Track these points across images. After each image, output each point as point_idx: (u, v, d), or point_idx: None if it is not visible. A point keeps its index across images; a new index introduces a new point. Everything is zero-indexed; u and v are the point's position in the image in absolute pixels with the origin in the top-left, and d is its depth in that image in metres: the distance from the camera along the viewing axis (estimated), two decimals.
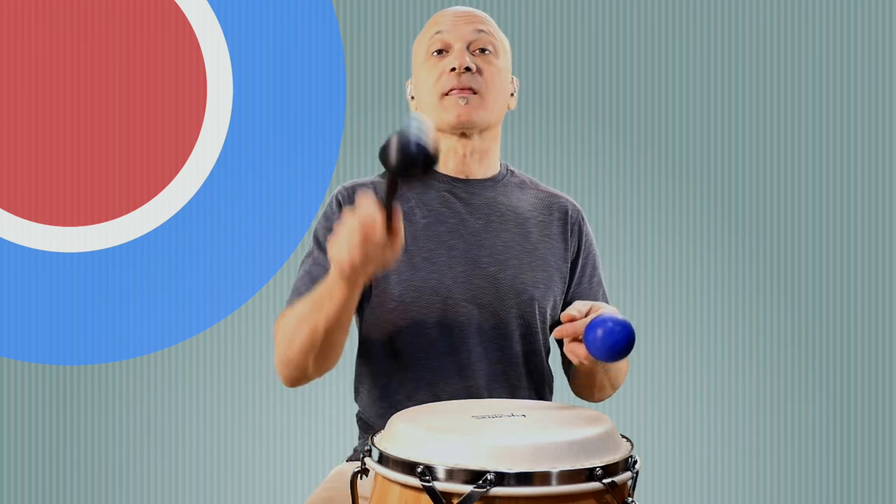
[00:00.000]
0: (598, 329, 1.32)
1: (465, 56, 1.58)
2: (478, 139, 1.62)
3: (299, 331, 1.42)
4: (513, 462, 1.15)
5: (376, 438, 1.28)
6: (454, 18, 1.61)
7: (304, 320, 1.41)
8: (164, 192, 2.54)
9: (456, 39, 1.59)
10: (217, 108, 2.54)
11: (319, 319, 1.38)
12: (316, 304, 1.39)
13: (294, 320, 1.44)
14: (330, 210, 1.61)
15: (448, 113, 1.58)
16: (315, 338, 1.41)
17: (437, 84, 1.59)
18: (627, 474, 1.21)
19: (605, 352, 1.33)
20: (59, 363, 2.56)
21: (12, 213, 2.51)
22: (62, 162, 2.52)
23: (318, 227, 1.61)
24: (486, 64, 1.59)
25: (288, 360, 1.46)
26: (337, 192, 1.63)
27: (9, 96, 2.51)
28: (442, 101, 1.58)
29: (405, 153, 1.19)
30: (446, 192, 1.63)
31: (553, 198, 1.69)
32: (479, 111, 1.58)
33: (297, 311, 1.44)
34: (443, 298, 1.55)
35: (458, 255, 1.58)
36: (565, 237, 1.66)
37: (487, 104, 1.58)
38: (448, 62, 1.58)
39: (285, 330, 1.46)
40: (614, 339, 1.32)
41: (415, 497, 1.18)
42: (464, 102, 1.56)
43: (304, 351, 1.43)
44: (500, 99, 1.61)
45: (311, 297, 1.41)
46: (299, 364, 1.45)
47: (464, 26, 1.60)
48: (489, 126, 1.61)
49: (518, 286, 1.58)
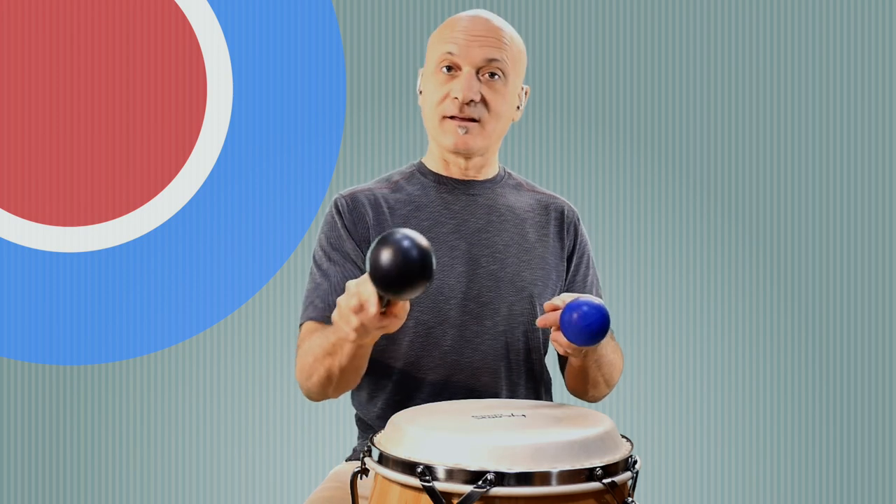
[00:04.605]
0: (574, 312, 1.34)
1: (471, 87, 1.54)
2: (479, 157, 1.63)
3: (316, 369, 1.45)
4: (513, 462, 1.15)
5: (376, 438, 1.28)
6: (468, 38, 1.55)
7: (320, 361, 1.44)
8: (164, 192, 2.54)
9: (465, 62, 1.55)
10: (217, 108, 2.54)
11: (334, 364, 1.42)
12: (329, 350, 1.41)
13: (311, 358, 1.46)
14: (330, 219, 1.62)
15: (446, 137, 1.58)
16: (331, 377, 1.44)
17: (441, 105, 1.57)
18: (627, 474, 1.22)
19: (579, 333, 1.34)
20: (59, 363, 2.56)
21: (12, 213, 2.51)
22: (62, 162, 2.52)
23: (321, 238, 1.62)
24: (492, 92, 1.56)
25: (308, 389, 1.51)
26: (335, 201, 1.63)
27: (9, 96, 2.51)
28: (442, 124, 1.58)
29: (402, 276, 1.12)
30: (447, 193, 1.64)
31: (550, 199, 1.71)
32: (477, 139, 1.57)
33: (314, 350, 1.46)
34: (445, 298, 1.56)
35: (459, 255, 1.59)
36: (561, 236, 1.68)
37: (487, 132, 1.58)
38: (453, 88, 1.55)
39: (303, 363, 1.49)
40: (588, 320, 1.33)
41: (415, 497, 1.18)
42: (463, 132, 1.56)
43: (323, 385, 1.47)
44: (501, 124, 1.60)
45: (325, 339, 1.43)
46: (319, 393, 1.50)
47: (476, 49, 1.55)
48: (485, 150, 1.62)
49: (518, 283, 1.60)
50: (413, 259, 1.12)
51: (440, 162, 1.64)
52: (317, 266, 1.60)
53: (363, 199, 1.61)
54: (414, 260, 1.12)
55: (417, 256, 1.12)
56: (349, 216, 1.59)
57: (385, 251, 1.12)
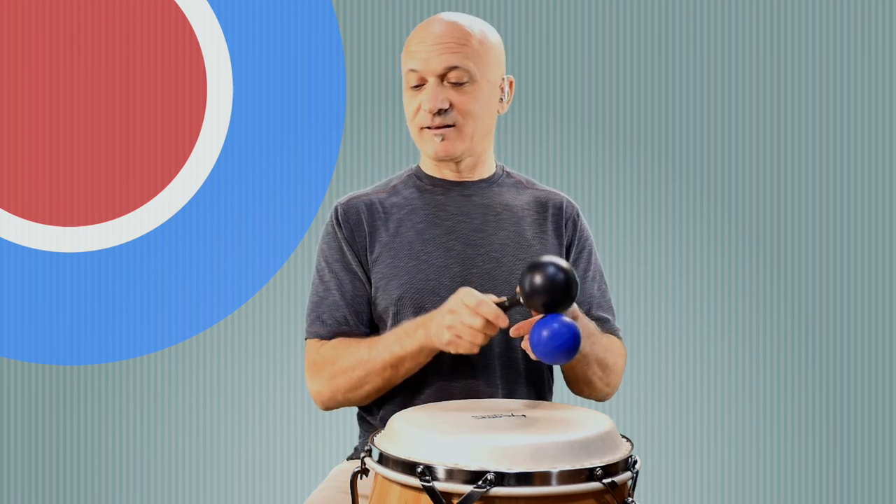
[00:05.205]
0: (543, 330, 1.32)
1: (436, 97, 1.55)
2: (468, 158, 1.63)
3: (370, 381, 1.52)
4: (513, 462, 1.15)
5: (376, 438, 1.28)
6: (426, 50, 1.56)
7: (377, 374, 1.51)
8: (164, 192, 2.54)
9: (428, 74, 1.56)
10: (217, 108, 2.54)
11: (397, 375, 1.51)
12: (392, 363, 1.49)
13: (361, 371, 1.52)
14: (330, 229, 1.64)
15: (427, 147, 1.60)
16: (387, 387, 1.53)
17: (416, 118, 1.60)
18: (627, 474, 1.22)
19: (545, 352, 1.32)
20: (59, 363, 2.56)
21: (12, 213, 2.51)
22: (62, 162, 2.52)
23: (322, 248, 1.64)
24: (460, 96, 1.56)
25: (347, 400, 1.57)
26: (334, 210, 1.65)
27: (9, 96, 2.51)
28: (421, 135, 1.61)
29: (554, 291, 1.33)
30: (441, 195, 1.64)
31: (548, 195, 1.70)
32: (456, 143, 1.58)
33: (365, 364, 1.52)
34: (441, 299, 1.55)
35: (454, 256, 1.59)
36: (560, 233, 1.67)
37: (465, 135, 1.58)
38: (423, 100, 1.57)
39: (350, 377, 1.53)
40: (556, 342, 1.31)
41: (415, 497, 1.18)
42: (440, 140, 1.58)
43: (370, 396, 1.55)
44: (481, 123, 1.60)
45: (385, 352, 1.50)
46: (357, 402, 1.58)
47: (435, 59, 1.55)
48: (471, 152, 1.62)
49: (514, 282, 1.59)
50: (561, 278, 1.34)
51: (434, 165, 1.65)
52: (319, 277, 1.63)
53: (360, 206, 1.63)
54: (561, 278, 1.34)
55: (564, 276, 1.34)
56: (346, 225, 1.61)
57: (538, 275, 1.32)
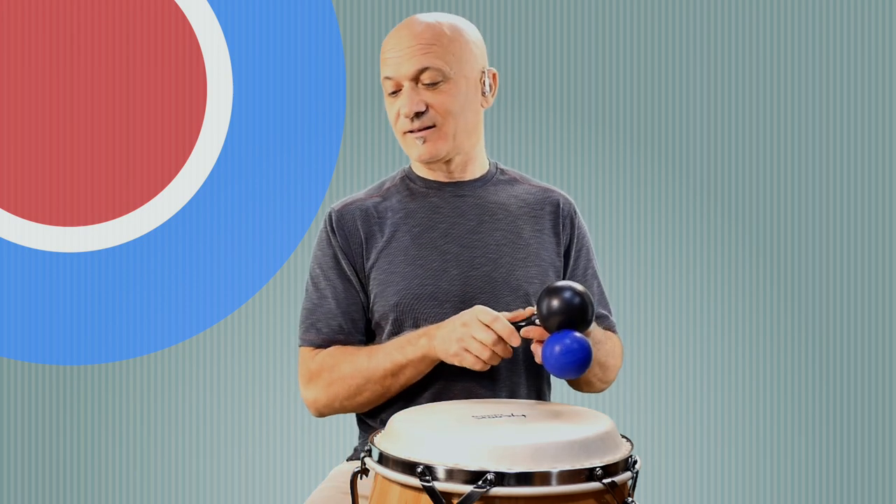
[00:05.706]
0: (556, 345, 1.31)
1: (412, 101, 1.55)
2: (456, 157, 1.63)
3: (368, 388, 1.53)
4: (513, 462, 1.15)
5: (376, 438, 1.28)
6: (396, 56, 1.56)
7: (377, 382, 1.52)
8: (164, 192, 2.54)
9: (402, 78, 1.56)
10: (217, 108, 2.54)
11: (396, 383, 1.52)
12: (392, 371, 1.51)
13: (360, 379, 1.53)
14: (324, 235, 1.64)
15: (411, 151, 1.61)
16: (385, 395, 1.54)
17: (397, 124, 1.60)
18: (627, 474, 1.22)
19: (559, 369, 1.32)
20: (59, 363, 2.56)
21: (12, 213, 2.51)
22: (62, 162, 2.52)
23: (317, 254, 1.64)
24: (436, 96, 1.56)
25: (343, 407, 1.57)
26: (328, 216, 1.65)
27: (9, 96, 2.51)
28: (404, 139, 1.61)
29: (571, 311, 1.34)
30: (435, 197, 1.64)
31: (545, 192, 1.70)
32: (439, 144, 1.58)
33: (363, 372, 1.53)
34: (439, 302, 1.56)
35: (451, 259, 1.59)
36: (557, 231, 1.67)
37: (447, 134, 1.58)
38: (400, 106, 1.57)
39: (348, 385, 1.54)
40: (568, 358, 1.31)
41: (415, 497, 1.18)
42: (421, 142, 1.58)
43: (369, 403, 1.56)
44: (463, 119, 1.59)
45: (385, 360, 1.51)
46: (355, 409, 1.59)
47: (405, 64, 1.55)
48: (458, 150, 1.62)
49: (513, 283, 1.59)
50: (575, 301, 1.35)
51: (425, 167, 1.65)
52: (313, 284, 1.63)
53: (354, 212, 1.63)
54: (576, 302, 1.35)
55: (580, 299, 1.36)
56: (341, 232, 1.62)
57: (555, 299, 1.34)
